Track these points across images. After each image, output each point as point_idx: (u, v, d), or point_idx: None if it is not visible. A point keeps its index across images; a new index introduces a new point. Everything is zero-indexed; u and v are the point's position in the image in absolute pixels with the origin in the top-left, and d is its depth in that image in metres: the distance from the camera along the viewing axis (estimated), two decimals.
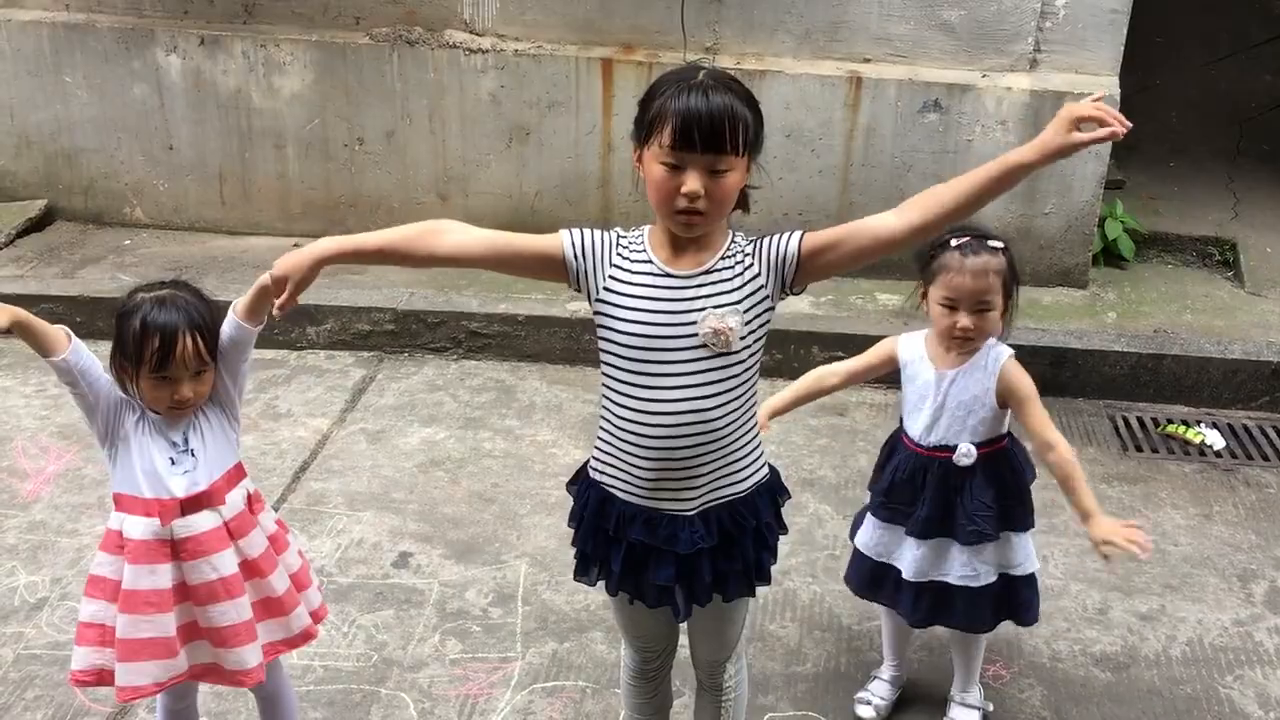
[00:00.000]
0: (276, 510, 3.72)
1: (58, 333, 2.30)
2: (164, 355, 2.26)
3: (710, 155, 1.97)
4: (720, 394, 2.11)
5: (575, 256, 2.13)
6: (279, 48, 5.21)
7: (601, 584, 2.32)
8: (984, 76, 4.92)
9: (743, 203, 2.14)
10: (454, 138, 5.26)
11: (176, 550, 2.35)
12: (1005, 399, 2.67)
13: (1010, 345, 2.73)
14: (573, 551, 2.34)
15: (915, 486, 2.74)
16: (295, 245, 5.63)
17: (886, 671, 3.03)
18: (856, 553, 2.90)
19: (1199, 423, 4.40)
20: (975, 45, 4.94)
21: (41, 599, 3.31)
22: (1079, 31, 4.88)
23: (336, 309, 4.83)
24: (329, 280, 5.13)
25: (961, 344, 2.66)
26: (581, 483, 2.30)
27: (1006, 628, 3.22)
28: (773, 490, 2.30)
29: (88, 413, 2.36)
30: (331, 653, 3.13)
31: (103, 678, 2.41)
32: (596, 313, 2.14)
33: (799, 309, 4.96)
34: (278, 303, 2.15)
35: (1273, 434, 4.36)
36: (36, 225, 5.60)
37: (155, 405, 2.34)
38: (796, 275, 2.09)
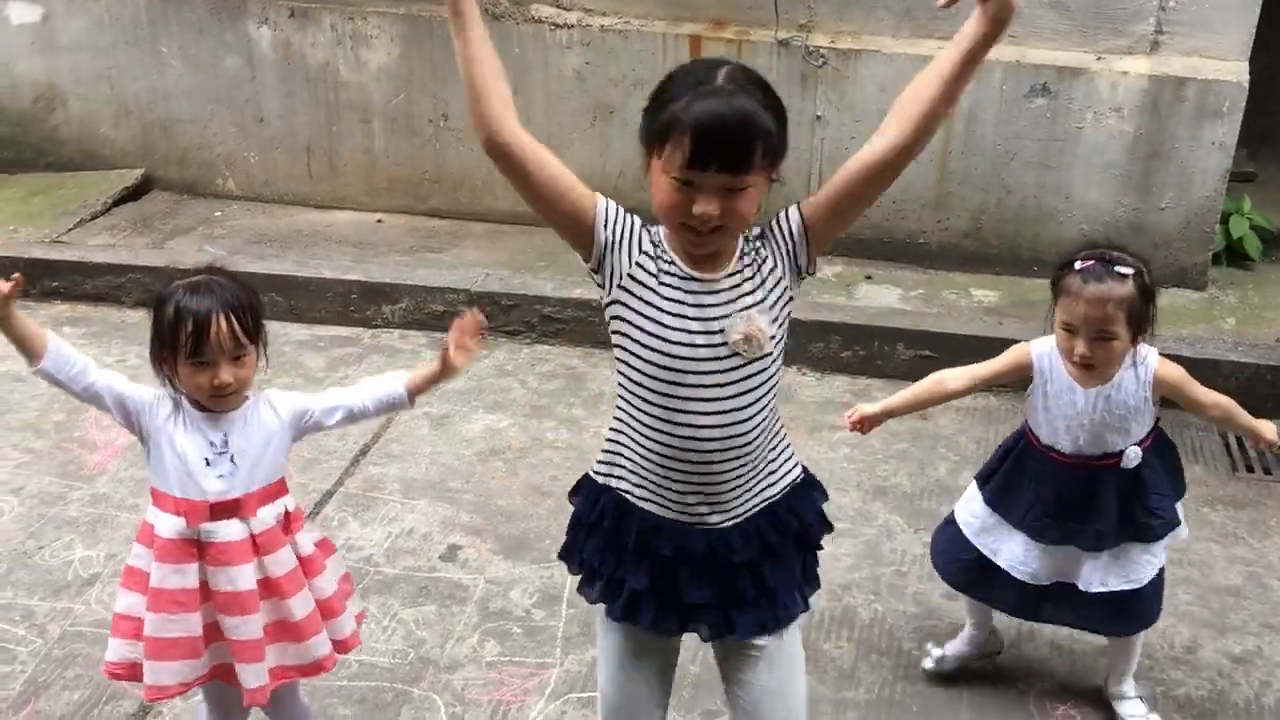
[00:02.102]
0: (331, 495, 3.68)
1: (37, 342, 2.22)
2: (198, 338, 2.19)
3: (727, 175, 1.76)
4: (753, 403, 1.94)
5: (604, 225, 1.90)
6: (366, 21, 5.16)
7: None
8: (1098, 59, 4.58)
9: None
10: (538, 114, 5.14)
11: (203, 551, 2.30)
12: (1166, 397, 2.63)
13: None
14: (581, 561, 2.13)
15: (1086, 498, 2.62)
16: (379, 221, 5.65)
17: (967, 631, 2.94)
18: (1015, 582, 2.72)
19: None
20: (1091, 25, 4.60)
21: (94, 574, 3.32)
22: (1205, 11, 4.50)
23: (411, 288, 4.76)
24: (406, 258, 5.12)
25: (1082, 369, 2.55)
26: (588, 489, 2.10)
27: (1076, 665, 3.01)
28: (810, 486, 2.12)
29: (100, 408, 2.31)
30: (369, 647, 3.05)
31: (134, 672, 2.39)
32: (614, 302, 1.93)
33: (886, 303, 4.73)
34: None
35: None
36: (133, 194, 5.69)
37: (196, 394, 2.26)
38: (809, 250, 1.92)
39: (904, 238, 4.98)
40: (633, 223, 1.94)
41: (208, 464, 2.28)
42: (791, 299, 1.95)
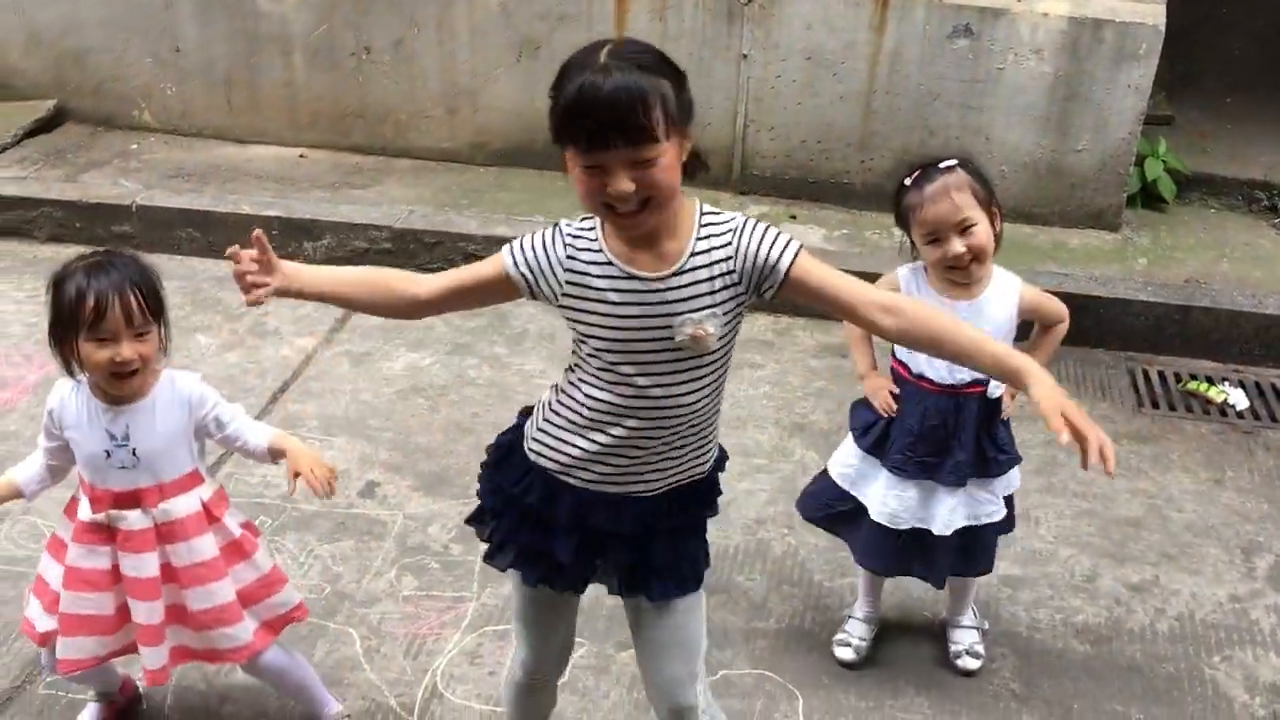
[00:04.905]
0: None
1: (9, 490, 2.42)
2: (100, 312, 2.17)
3: (629, 149, 1.73)
4: (696, 389, 1.94)
5: (523, 274, 1.92)
6: None
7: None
8: (1019, 0, 4.60)
9: (692, 170, 1.88)
10: (463, 49, 5.06)
11: (113, 535, 2.34)
12: (1031, 318, 2.63)
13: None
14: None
15: (947, 430, 2.61)
16: (301, 156, 5.54)
17: (861, 610, 2.94)
18: (879, 531, 2.70)
19: (1223, 380, 4.16)
20: None
21: (3, 511, 3.27)
22: None
23: (334, 225, 4.70)
24: (329, 194, 5.05)
25: (962, 273, 2.53)
26: (517, 462, 2.08)
27: (985, 592, 3.10)
28: (720, 460, 2.15)
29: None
30: None
31: (42, 638, 2.45)
32: (562, 308, 1.93)
33: (810, 242, 4.75)
34: (245, 266, 1.92)
35: None
36: (45, 126, 5.52)
37: (97, 374, 2.24)
38: (777, 291, 1.90)
39: (829, 178, 5.00)
40: (551, 243, 1.91)
41: (108, 455, 2.29)
42: (745, 303, 1.92)
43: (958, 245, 2.48)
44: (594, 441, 1.98)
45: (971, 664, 2.87)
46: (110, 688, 2.62)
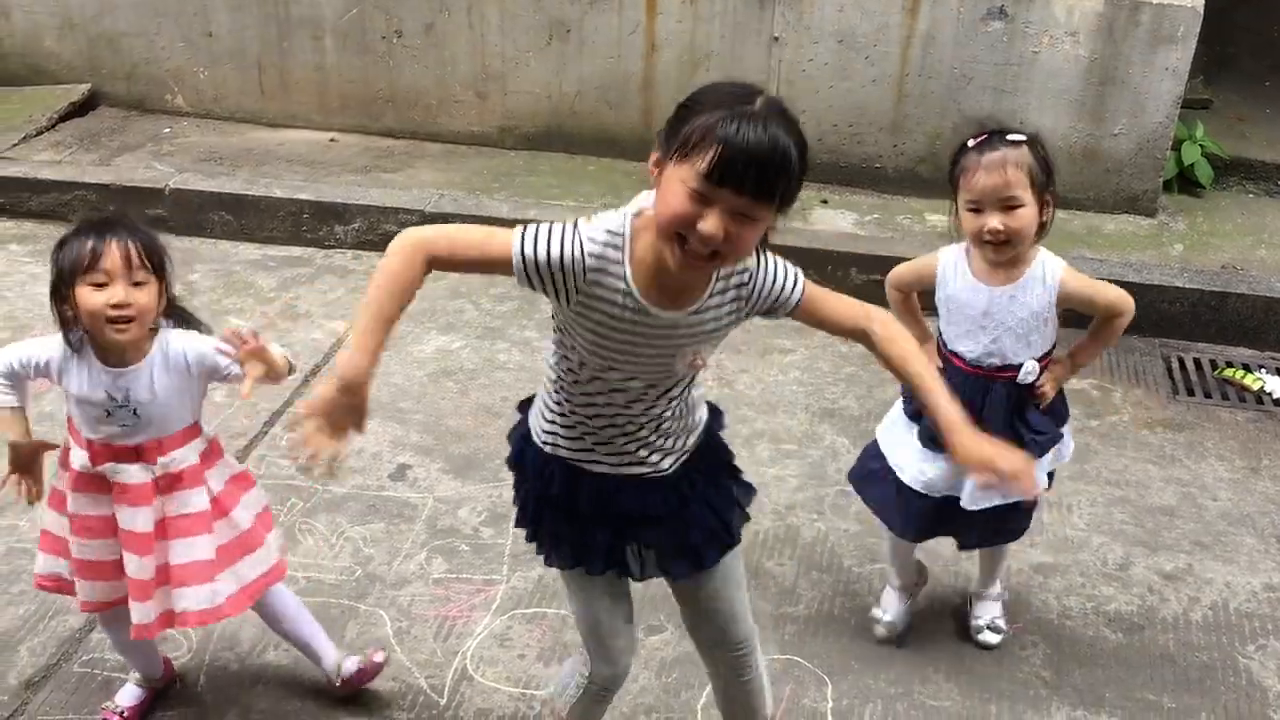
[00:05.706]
0: (280, 415, 3.66)
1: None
2: (97, 255, 2.19)
3: (746, 200, 1.71)
4: (681, 383, 2.02)
5: (529, 278, 1.85)
6: None
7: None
8: None
9: (761, 245, 1.90)
10: (493, 32, 5.05)
11: (110, 485, 2.34)
12: (1079, 309, 2.58)
13: None
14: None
15: (976, 412, 2.53)
16: (332, 140, 5.56)
17: (896, 580, 2.93)
18: (912, 495, 2.68)
19: (1260, 367, 4.11)
20: None
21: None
22: None
23: (365, 208, 4.72)
24: (359, 178, 5.06)
25: (995, 249, 2.46)
26: (533, 457, 2.10)
27: (1017, 579, 3.08)
28: (715, 415, 2.19)
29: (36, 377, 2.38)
30: (317, 564, 3.09)
31: (61, 585, 2.48)
32: (564, 314, 1.90)
33: (841, 227, 4.74)
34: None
35: None
36: (79, 110, 5.57)
37: (93, 324, 2.22)
38: (789, 316, 2.00)
39: (860, 162, 4.97)
40: (565, 260, 1.83)
41: (108, 415, 2.30)
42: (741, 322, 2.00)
43: (995, 221, 2.42)
44: (592, 428, 2.01)
45: (992, 639, 2.87)
46: (153, 672, 2.65)
